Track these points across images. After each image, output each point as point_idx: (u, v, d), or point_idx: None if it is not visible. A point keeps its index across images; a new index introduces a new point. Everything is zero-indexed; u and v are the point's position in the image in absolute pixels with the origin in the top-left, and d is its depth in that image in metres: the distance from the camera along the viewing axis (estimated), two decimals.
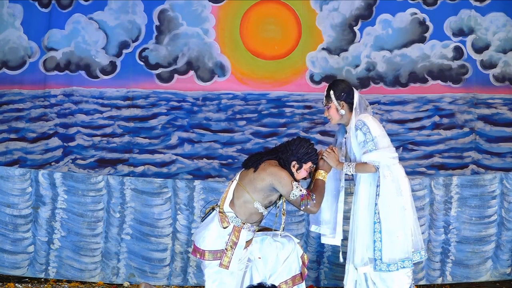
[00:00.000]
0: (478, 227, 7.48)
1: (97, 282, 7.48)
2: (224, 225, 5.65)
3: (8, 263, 7.48)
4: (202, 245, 5.67)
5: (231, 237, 5.63)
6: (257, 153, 5.78)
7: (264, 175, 5.62)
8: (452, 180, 7.48)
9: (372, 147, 5.61)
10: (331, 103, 5.74)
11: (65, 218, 7.48)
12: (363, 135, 5.62)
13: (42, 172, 7.54)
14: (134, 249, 7.47)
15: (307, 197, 5.60)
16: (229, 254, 5.63)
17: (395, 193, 5.61)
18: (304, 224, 7.47)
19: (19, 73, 9.61)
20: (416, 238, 5.68)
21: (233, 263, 5.63)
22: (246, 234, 5.67)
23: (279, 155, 5.71)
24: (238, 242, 5.63)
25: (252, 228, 5.69)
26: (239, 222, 5.64)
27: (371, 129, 5.62)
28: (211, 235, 5.65)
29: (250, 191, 5.63)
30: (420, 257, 5.71)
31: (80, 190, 7.48)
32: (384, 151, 5.62)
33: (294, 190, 5.59)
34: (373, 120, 5.68)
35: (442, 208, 7.45)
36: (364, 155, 5.62)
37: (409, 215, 5.64)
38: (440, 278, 7.49)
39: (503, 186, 7.48)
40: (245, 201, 5.65)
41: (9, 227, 7.47)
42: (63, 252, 7.48)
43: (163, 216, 7.47)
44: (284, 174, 5.62)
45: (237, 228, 5.63)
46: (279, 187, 5.60)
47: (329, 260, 7.45)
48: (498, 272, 7.50)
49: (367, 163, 5.61)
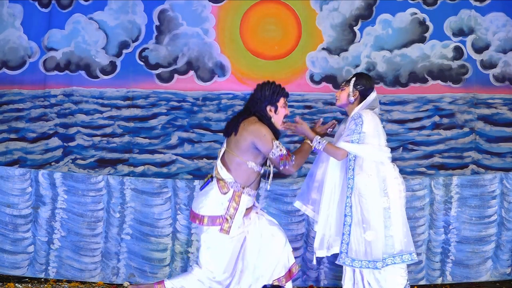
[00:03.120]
0: (478, 227, 7.48)
1: (97, 282, 7.48)
2: (224, 191, 5.70)
3: (8, 263, 7.48)
4: (201, 211, 5.71)
5: (231, 203, 5.69)
6: (233, 117, 5.83)
7: (245, 135, 5.67)
8: (452, 180, 7.48)
9: (356, 139, 5.66)
10: (347, 87, 5.85)
11: (65, 218, 7.48)
12: (354, 125, 5.69)
13: (42, 172, 7.54)
14: (134, 249, 7.47)
15: (286, 158, 5.63)
16: (229, 220, 5.67)
17: (378, 193, 5.64)
18: (304, 224, 7.47)
19: (19, 73, 9.62)
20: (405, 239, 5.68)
21: (234, 229, 5.68)
22: (246, 199, 5.72)
23: (253, 110, 5.75)
24: (239, 208, 5.69)
25: (251, 192, 5.75)
26: (239, 186, 5.70)
27: (364, 123, 5.68)
28: (210, 201, 5.71)
29: (238, 154, 5.70)
30: (411, 259, 5.70)
31: (80, 190, 7.48)
32: (369, 147, 5.65)
33: (274, 149, 5.62)
34: (372, 118, 5.71)
35: (442, 208, 7.45)
36: (344, 142, 5.67)
37: (395, 217, 5.65)
38: (440, 278, 7.49)
39: (503, 186, 7.47)
40: (238, 163, 5.71)
41: (9, 227, 7.47)
42: (63, 252, 7.48)
43: (163, 216, 7.47)
44: (265, 131, 5.65)
45: (237, 193, 5.70)
46: (260, 145, 5.64)
47: (329, 260, 7.45)
48: (498, 272, 7.50)
49: (339, 149, 5.68)
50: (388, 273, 5.67)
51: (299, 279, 7.46)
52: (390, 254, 5.64)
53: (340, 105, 5.90)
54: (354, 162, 5.69)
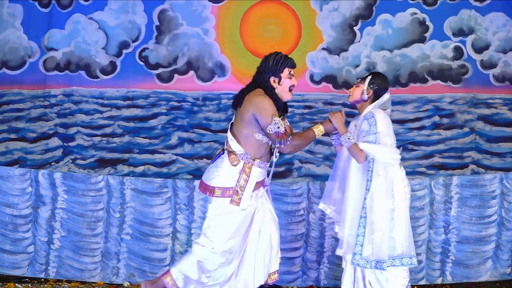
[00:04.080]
0: (478, 227, 7.48)
1: (97, 282, 7.48)
2: (234, 163, 5.70)
3: (8, 263, 7.48)
4: (212, 182, 5.73)
5: (242, 174, 5.69)
6: (240, 90, 5.83)
7: (248, 106, 5.68)
8: (452, 180, 7.48)
9: (373, 140, 5.62)
10: (362, 85, 5.79)
11: (65, 218, 7.48)
12: (368, 126, 5.64)
13: (42, 172, 7.54)
14: (134, 249, 7.47)
15: (282, 136, 5.60)
16: (240, 192, 5.67)
17: (384, 195, 5.61)
18: (304, 224, 7.47)
19: (19, 73, 9.61)
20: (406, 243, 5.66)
21: (244, 200, 5.68)
22: (257, 171, 5.72)
23: (258, 82, 5.74)
24: (249, 179, 5.69)
25: (262, 164, 5.74)
26: (249, 158, 5.70)
27: (377, 123, 5.63)
28: (222, 173, 5.72)
29: (244, 126, 5.71)
30: (410, 263, 5.68)
31: (80, 190, 7.48)
32: (385, 149, 5.62)
33: (272, 125, 5.60)
34: (384, 116, 5.68)
35: (442, 208, 7.45)
36: (363, 143, 5.63)
37: (398, 219, 5.63)
38: (440, 278, 7.49)
39: (503, 186, 7.48)
40: (245, 135, 5.72)
41: (9, 227, 7.47)
42: (63, 252, 7.48)
43: (163, 216, 7.47)
44: (266, 105, 5.62)
45: (247, 164, 5.70)
46: (259, 118, 5.63)
47: (329, 260, 7.45)
48: (498, 272, 7.50)
49: (361, 151, 5.62)
50: (390, 274, 5.66)
51: (299, 279, 7.46)
52: (390, 256, 5.63)
53: (353, 101, 5.85)
54: (372, 164, 5.64)
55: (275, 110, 5.66)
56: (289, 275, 7.44)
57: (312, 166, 9.56)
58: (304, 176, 9.45)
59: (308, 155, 9.55)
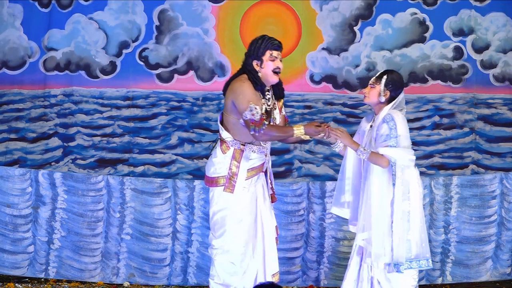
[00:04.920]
0: (478, 227, 7.48)
1: (97, 282, 7.48)
2: (225, 151, 5.70)
3: (8, 263, 7.48)
4: (210, 173, 5.75)
5: (233, 161, 5.67)
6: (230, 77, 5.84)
7: (228, 93, 5.68)
8: (452, 180, 7.48)
9: (394, 143, 5.54)
10: (378, 85, 5.65)
11: (65, 218, 7.48)
12: (388, 130, 5.53)
13: (42, 172, 7.54)
14: (134, 249, 7.47)
15: (256, 124, 5.55)
16: (233, 178, 5.65)
17: (401, 197, 5.56)
18: (304, 224, 7.47)
19: (19, 73, 9.61)
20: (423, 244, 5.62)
21: (238, 188, 5.65)
22: (249, 156, 5.68)
23: (243, 67, 5.73)
24: (240, 165, 5.65)
25: (255, 148, 5.70)
26: (239, 144, 5.68)
27: (397, 126, 5.53)
28: (216, 162, 5.73)
29: (229, 113, 5.69)
30: (427, 265, 5.64)
31: (80, 190, 7.48)
32: (404, 151, 5.56)
33: (247, 111, 5.56)
34: (402, 118, 5.59)
35: (442, 208, 7.45)
36: (383, 147, 5.53)
37: (414, 221, 5.58)
38: (440, 278, 7.49)
39: (503, 186, 7.47)
40: (232, 123, 5.69)
41: (9, 227, 7.47)
42: (63, 252, 7.48)
43: (163, 216, 7.47)
44: (245, 91, 5.59)
45: (237, 150, 5.68)
46: (236, 104, 5.60)
47: (329, 260, 7.45)
48: (498, 272, 7.50)
49: (383, 156, 5.51)
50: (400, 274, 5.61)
51: (299, 279, 7.46)
52: (407, 259, 5.58)
53: (369, 103, 5.73)
54: (395, 167, 5.54)
55: (253, 96, 5.60)
56: (289, 275, 7.44)
57: (312, 166, 9.55)
58: (304, 176, 9.44)
59: (308, 155, 9.55)
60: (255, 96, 5.64)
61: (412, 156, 5.58)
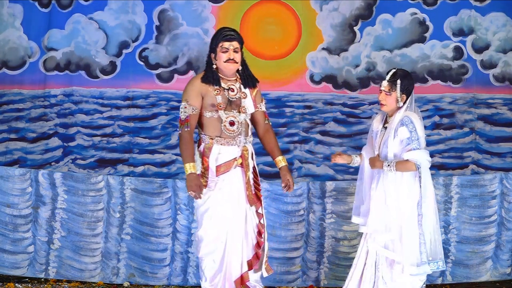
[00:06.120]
0: (478, 227, 7.48)
1: (97, 282, 7.48)
2: (199, 147, 5.75)
3: (8, 263, 7.49)
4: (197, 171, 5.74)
5: (203, 156, 5.71)
6: None
7: None
8: (452, 180, 7.48)
9: (417, 146, 5.51)
10: (394, 92, 5.58)
11: (65, 218, 7.48)
12: (409, 133, 5.51)
13: (42, 172, 7.54)
14: (134, 249, 7.48)
15: (180, 122, 5.69)
16: (204, 173, 5.68)
17: (416, 199, 5.54)
18: (304, 224, 7.47)
19: (19, 73, 9.61)
20: (436, 247, 5.61)
21: (211, 183, 5.67)
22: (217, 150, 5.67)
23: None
24: (209, 159, 5.67)
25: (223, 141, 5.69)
26: (207, 138, 5.71)
27: (417, 128, 5.52)
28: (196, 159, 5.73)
29: None
30: (437, 267, 5.64)
31: (80, 190, 7.48)
32: (425, 153, 5.54)
33: (180, 108, 5.71)
34: (420, 120, 5.57)
35: (442, 208, 7.45)
36: (407, 152, 5.51)
37: (428, 222, 5.56)
38: (440, 278, 7.49)
39: (503, 186, 7.48)
40: (201, 117, 5.73)
41: (9, 227, 7.47)
42: (63, 252, 7.49)
43: (163, 216, 7.47)
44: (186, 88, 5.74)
45: (207, 145, 5.70)
46: None
47: (329, 260, 7.45)
48: (498, 272, 7.50)
49: (408, 161, 5.49)
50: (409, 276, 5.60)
51: (299, 279, 7.46)
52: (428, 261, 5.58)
53: (388, 110, 5.64)
54: (421, 170, 5.51)
55: (191, 93, 5.69)
56: (289, 275, 7.44)
57: (312, 166, 9.56)
58: (304, 176, 9.45)
59: (308, 155, 9.55)
60: (193, 93, 5.71)
61: (429, 158, 5.57)
